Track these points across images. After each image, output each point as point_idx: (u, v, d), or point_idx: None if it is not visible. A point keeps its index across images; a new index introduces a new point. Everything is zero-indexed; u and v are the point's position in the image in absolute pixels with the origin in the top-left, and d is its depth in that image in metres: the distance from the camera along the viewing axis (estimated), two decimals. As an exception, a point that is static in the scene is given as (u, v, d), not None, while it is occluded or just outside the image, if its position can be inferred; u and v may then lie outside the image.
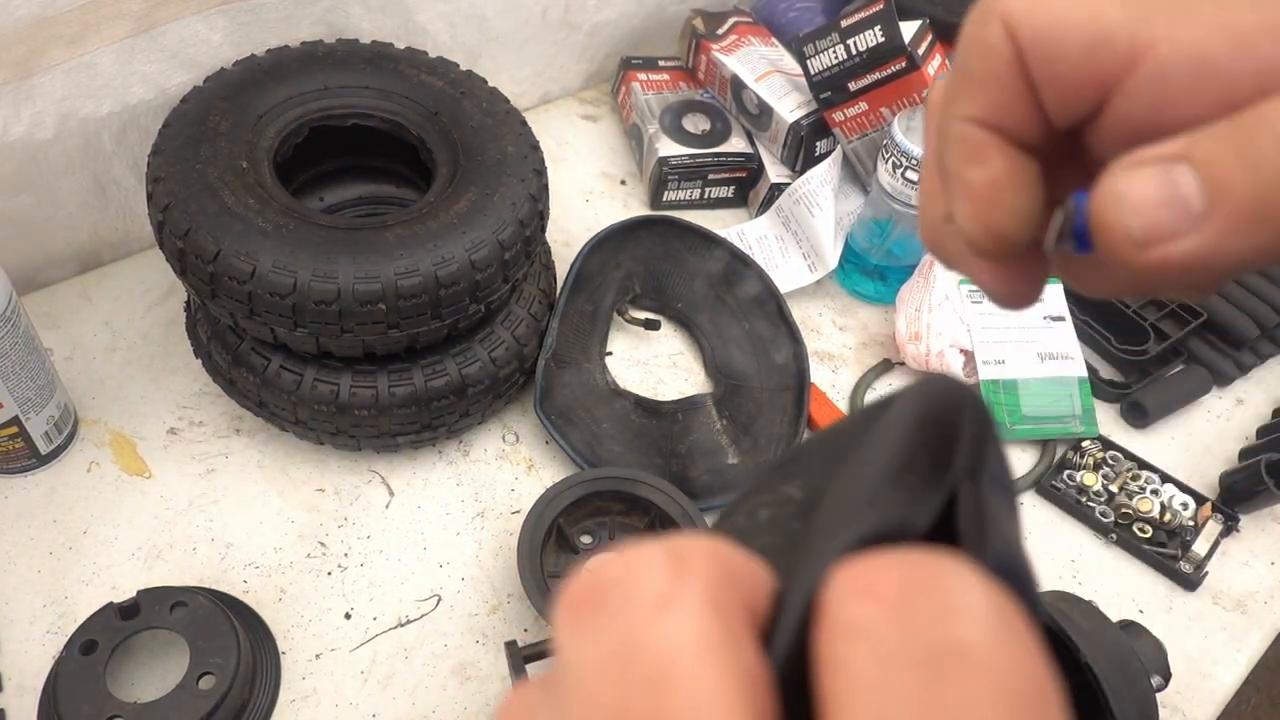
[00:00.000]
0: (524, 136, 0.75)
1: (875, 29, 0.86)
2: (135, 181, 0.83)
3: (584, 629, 0.15)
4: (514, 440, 0.81)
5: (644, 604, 0.15)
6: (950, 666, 0.13)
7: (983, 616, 0.14)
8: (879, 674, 0.13)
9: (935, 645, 0.13)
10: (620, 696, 0.14)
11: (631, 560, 0.15)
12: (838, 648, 0.14)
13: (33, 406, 0.70)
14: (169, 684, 0.61)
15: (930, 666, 0.13)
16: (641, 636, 0.14)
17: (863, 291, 0.96)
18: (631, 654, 0.14)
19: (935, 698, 0.13)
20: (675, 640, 0.14)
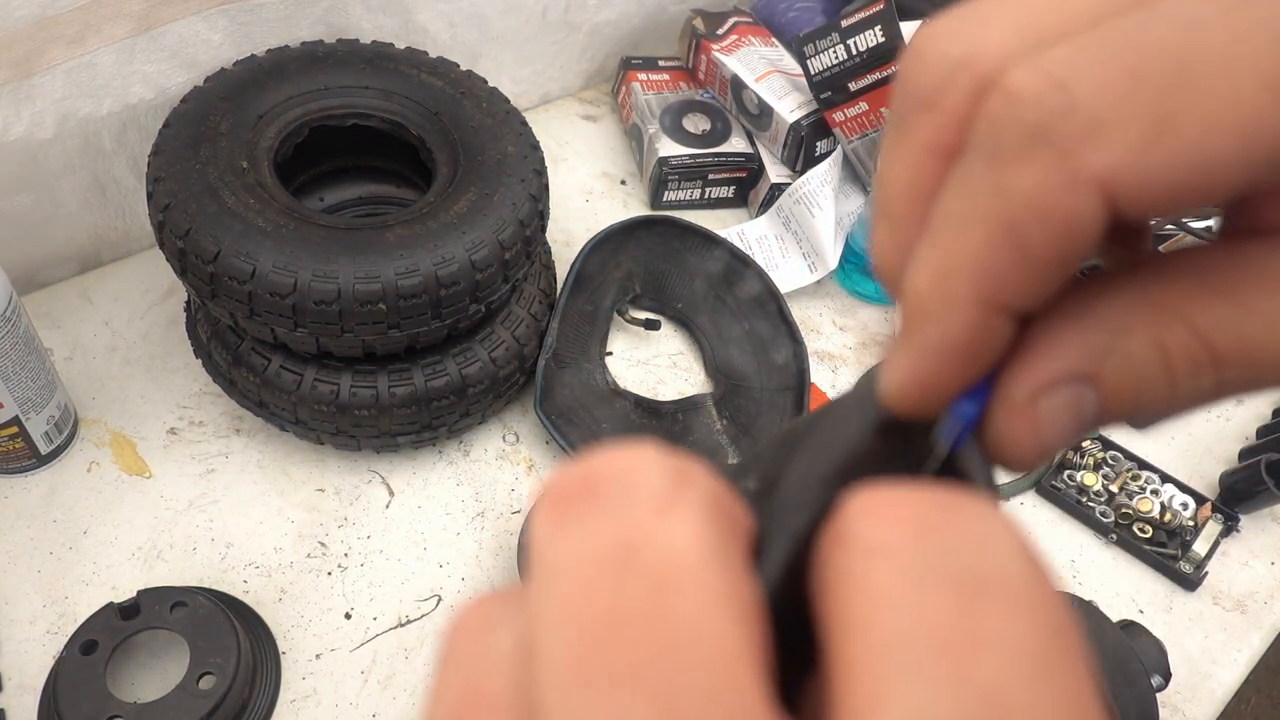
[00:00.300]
0: (524, 136, 0.75)
1: (875, 29, 0.86)
2: (135, 181, 0.83)
3: (573, 524, 0.14)
4: (514, 440, 0.81)
5: (646, 501, 0.14)
6: (984, 590, 0.13)
7: (1013, 548, 0.13)
8: (908, 591, 0.13)
9: (968, 569, 0.13)
10: (614, 597, 0.13)
11: (631, 457, 0.14)
12: (858, 564, 0.13)
13: (33, 406, 0.70)
14: (169, 684, 0.61)
15: (964, 588, 0.13)
16: (643, 534, 0.13)
17: (863, 291, 0.96)
18: (631, 552, 0.13)
19: (969, 618, 0.13)
20: (679, 542, 0.13)
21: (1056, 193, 0.14)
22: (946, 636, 0.12)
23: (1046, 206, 0.14)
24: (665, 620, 0.13)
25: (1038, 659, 0.12)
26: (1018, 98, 0.15)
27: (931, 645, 0.12)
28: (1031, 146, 0.14)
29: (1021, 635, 0.13)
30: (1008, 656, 0.12)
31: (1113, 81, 0.14)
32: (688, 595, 0.13)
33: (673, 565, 0.13)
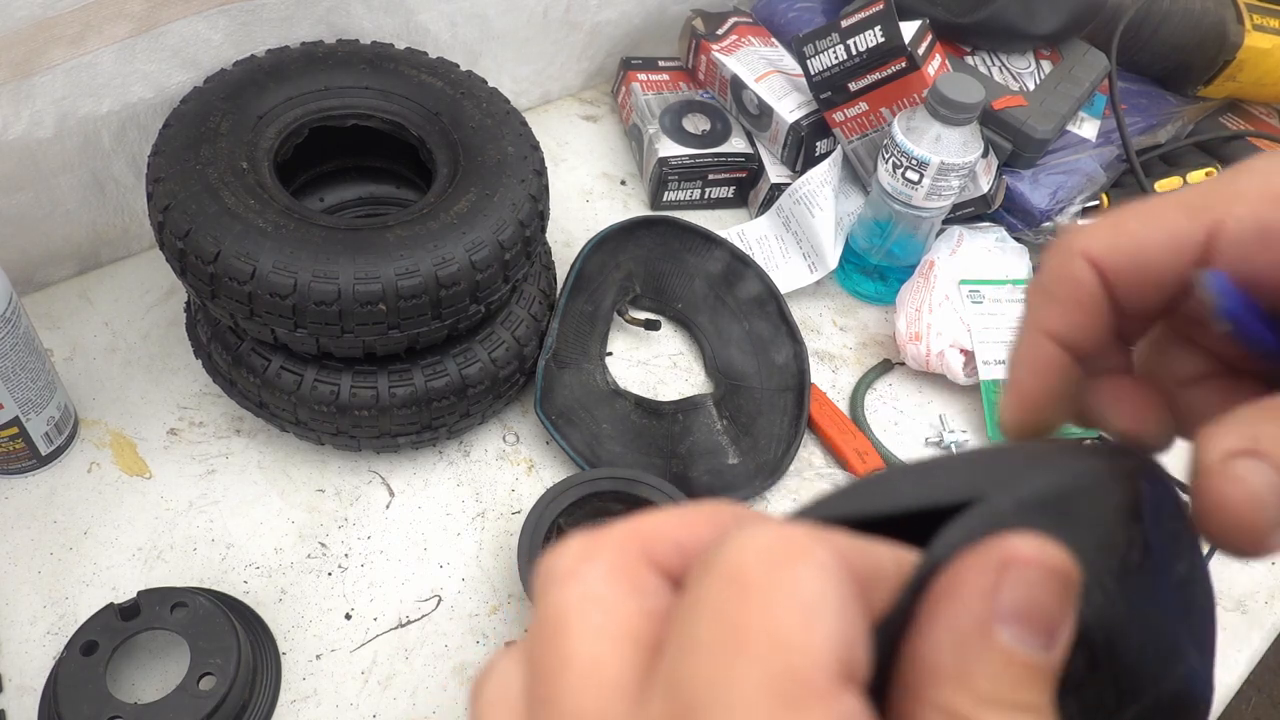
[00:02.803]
0: (524, 137, 0.75)
1: (875, 29, 0.86)
2: (134, 179, 0.83)
3: (534, 605, 0.20)
4: (514, 440, 0.81)
5: (555, 579, 0.20)
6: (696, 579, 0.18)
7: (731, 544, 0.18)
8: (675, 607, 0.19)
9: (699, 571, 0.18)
10: (536, 648, 0.19)
11: (556, 551, 0.20)
12: None
13: (33, 407, 0.69)
14: (169, 685, 0.61)
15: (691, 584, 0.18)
16: (547, 603, 0.19)
17: (863, 291, 0.96)
18: (542, 618, 0.19)
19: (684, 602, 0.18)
20: (566, 604, 0.19)
21: (1061, 264, 0.25)
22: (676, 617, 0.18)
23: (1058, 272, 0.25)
24: (554, 655, 0.18)
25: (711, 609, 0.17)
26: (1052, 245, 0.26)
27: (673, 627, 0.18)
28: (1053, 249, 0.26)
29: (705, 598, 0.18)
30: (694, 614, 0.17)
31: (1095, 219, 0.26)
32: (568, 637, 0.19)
33: (561, 618, 0.19)
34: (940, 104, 0.80)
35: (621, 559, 0.20)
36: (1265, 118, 1.09)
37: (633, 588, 0.19)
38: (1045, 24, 0.94)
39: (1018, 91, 0.94)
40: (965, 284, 0.88)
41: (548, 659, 0.18)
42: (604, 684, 0.18)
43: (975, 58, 0.97)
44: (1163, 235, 0.24)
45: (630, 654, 0.18)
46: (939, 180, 0.83)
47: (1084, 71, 0.98)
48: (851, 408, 0.87)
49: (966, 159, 0.82)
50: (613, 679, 0.18)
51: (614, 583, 0.19)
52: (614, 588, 0.19)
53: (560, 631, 0.19)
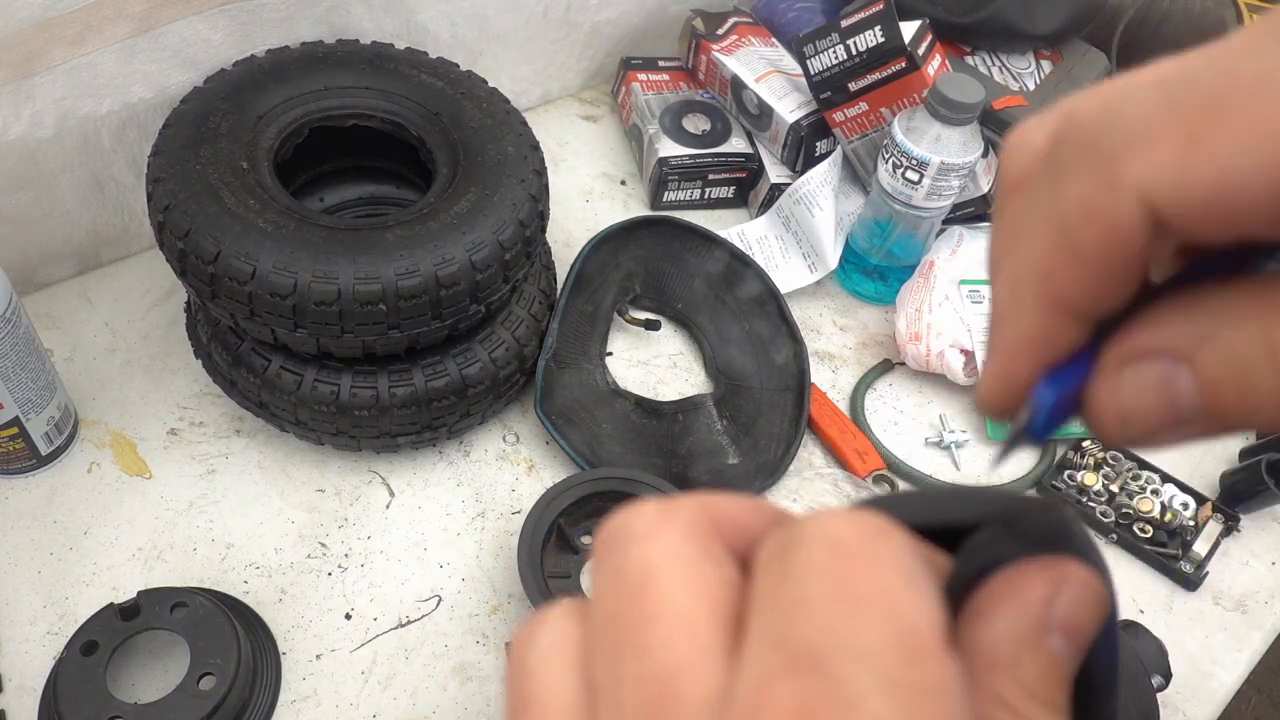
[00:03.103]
0: (524, 137, 0.75)
1: (875, 29, 0.86)
2: (133, 179, 0.83)
3: (599, 563, 0.20)
4: (514, 441, 0.81)
5: (634, 538, 0.20)
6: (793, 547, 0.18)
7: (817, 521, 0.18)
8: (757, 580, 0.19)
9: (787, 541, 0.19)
10: (614, 601, 0.19)
11: (631, 511, 0.21)
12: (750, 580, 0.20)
13: (33, 407, 0.69)
14: (169, 685, 0.61)
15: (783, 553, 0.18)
16: (628, 559, 0.20)
17: (863, 291, 0.96)
18: (623, 571, 0.19)
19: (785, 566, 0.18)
20: (652, 559, 0.19)
21: (1100, 197, 0.17)
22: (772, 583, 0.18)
23: (1092, 209, 0.17)
24: (640, 609, 0.19)
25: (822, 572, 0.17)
26: (1077, 118, 0.17)
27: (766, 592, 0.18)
28: (1082, 158, 0.17)
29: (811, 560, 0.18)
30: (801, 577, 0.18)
31: (1156, 104, 0.16)
32: (654, 591, 0.19)
33: (647, 573, 0.19)
34: (940, 104, 0.80)
35: (698, 527, 0.20)
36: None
37: (711, 554, 0.20)
38: (1045, 24, 0.94)
39: (1018, 91, 0.94)
40: (965, 284, 0.88)
41: (631, 611, 0.19)
42: (696, 637, 0.18)
43: (975, 58, 0.97)
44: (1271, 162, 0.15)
45: (717, 614, 0.18)
46: (939, 180, 0.83)
47: (1084, 71, 0.98)
48: (851, 408, 0.87)
49: (966, 159, 0.82)
50: (704, 634, 0.18)
51: (696, 546, 0.20)
52: (697, 550, 0.19)
53: (648, 585, 0.19)
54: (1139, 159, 0.16)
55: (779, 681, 0.16)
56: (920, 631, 0.17)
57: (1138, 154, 0.16)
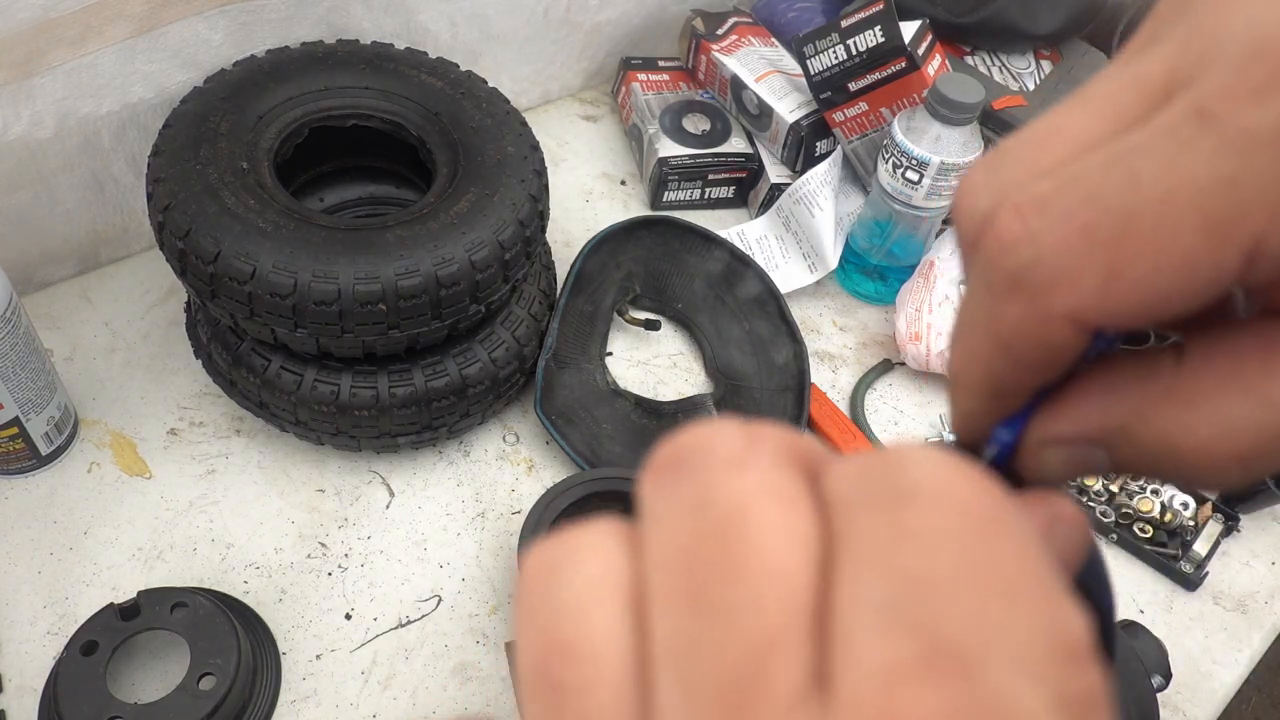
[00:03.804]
0: (524, 137, 0.75)
1: (875, 29, 0.86)
2: (133, 178, 0.83)
3: (665, 487, 0.17)
4: (514, 441, 0.81)
5: (720, 463, 0.17)
6: (903, 501, 0.16)
7: (928, 465, 0.16)
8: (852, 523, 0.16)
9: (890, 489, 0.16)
10: (695, 538, 0.16)
11: (710, 430, 0.18)
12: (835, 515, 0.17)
13: (33, 407, 0.70)
14: (169, 685, 0.61)
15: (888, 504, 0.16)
16: (715, 489, 0.16)
17: (863, 291, 0.96)
18: (706, 504, 0.16)
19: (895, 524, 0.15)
20: (745, 491, 0.16)
21: (1034, 324, 0.19)
22: (882, 542, 0.15)
23: (1028, 333, 0.19)
24: (727, 554, 0.16)
25: (952, 539, 0.15)
26: (1001, 242, 0.19)
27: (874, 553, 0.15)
28: (1013, 289, 0.19)
29: (936, 524, 0.15)
30: (926, 543, 0.15)
31: (1069, 239, 0.18)
32: (752, 533, 0.16)
33: (740, 509, 0.16)
34: (940, 104, 0.80)
35: (788, 458, 0.17)
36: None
37: (805, 493, 0.17)
38: (1045, 24, 0.94)
39: (1018, 91, 0.94)
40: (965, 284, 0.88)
41: (716, 556, 0.16)
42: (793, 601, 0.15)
43: (975, 58, 0.97)
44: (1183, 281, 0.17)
45: (814, 562, 0.16)
46: (939, 180, 0.83)
47: (1084, 71, 0.98)
48: (851, 408, 0.87)
49: (966, 159, 0.82)
50: (801, 597, 0.15)
51: (790, 477, 0.17)
52: (792, 483, 0.17)
53: (739, 525, 0.16)
54: (1065, 294, 0.18)
55: (914, 682, 0.14)
56: (1076, 633, 0.15)
57: (1063, 290, 0.18)
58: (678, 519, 0.17)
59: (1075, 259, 0.18)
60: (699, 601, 0.15)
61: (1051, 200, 0.18)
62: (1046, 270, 0.18)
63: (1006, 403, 0.21)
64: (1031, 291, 0.18)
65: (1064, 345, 0.19)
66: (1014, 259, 0.18)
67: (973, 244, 0.20)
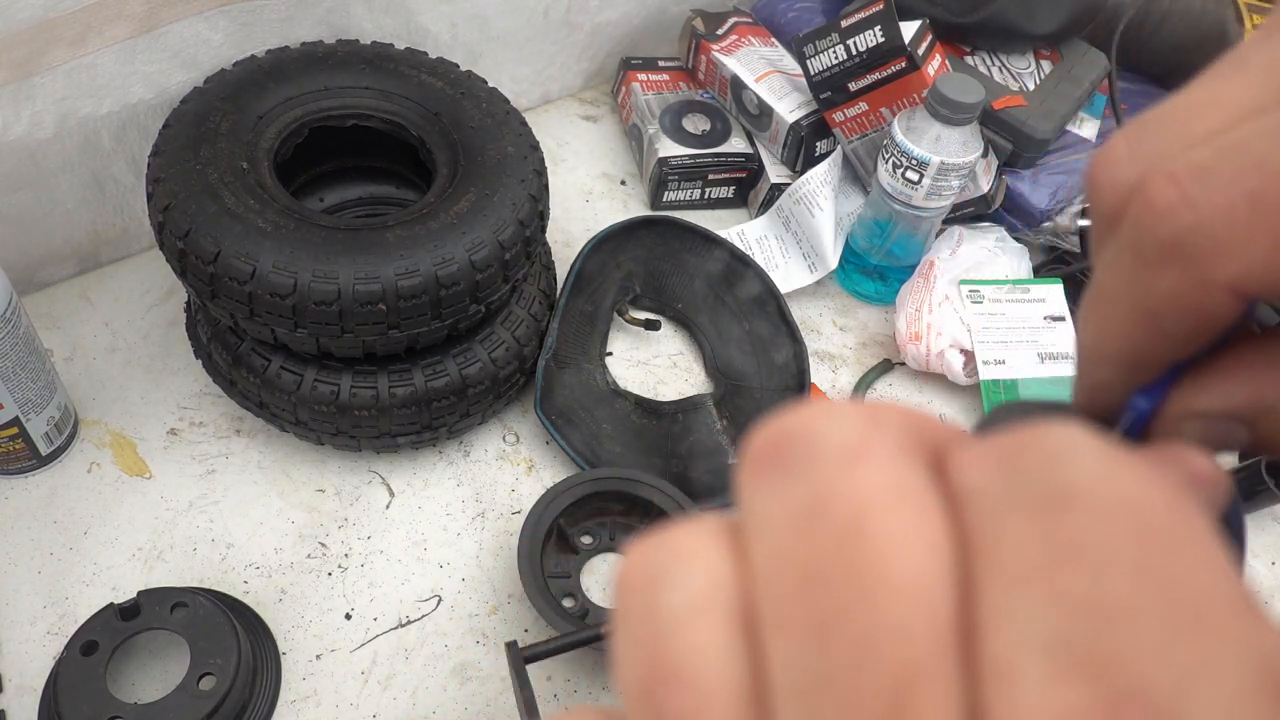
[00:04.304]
0: (524, 137, 0.75)
1: (875, 29, 0.86)
2: (133, 179, 0.83)
3: (770, 484, 0.15)
4: (514, 441, 0.81)
5: (834, 456, 0.14)
6: (1065, 505, 0.13)
7: (1089, 459, 0.14)
8: (996, 528, 0.14)
9: (1047, 489, 0.13)
10: (812, 551, 0.14)
11: (822, 412, 0.15)
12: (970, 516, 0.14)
13: (33, 407, 0.70)
14: (169, 685, 0.61)
15: (1046, 507, 0.13)
16: (831, 489, 0.14)
17: (863, 291, 0.96)
18: (820, 508, 0.14)
19: (1055, 533, 0.13)
20: (867, 492, 0.14)
21: (1192, 293, 0.17)
22: (1037, 558, 0.13)
23: (1183, 303, 0.18)
24: (854, 570, 0.13)
25: (1128, 557, 0.13)
26: (1155, 210, 0.18)
27: (1027, 570, 0.13)
28: (1168, 257, 0.18)
29: (1107, 538, 0.13)
30: (1096, 561, 0.13)
31: (1235, 205, 0.17)
32: (879, 541, 0.13)
33: (862, 514, 0.14)
34: (940, 104, 0.80)
35: (911, 439, 0.15)
36: (1265, 118, 1.08)
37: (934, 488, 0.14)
38: (1045, 24, 0.94)
39: (1018, 91, 0.94)
40: (965, 284, 0.88)
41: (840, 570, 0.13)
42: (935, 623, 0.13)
43: (975, 58, 0.97)
44: None
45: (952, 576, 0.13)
46: (939, 180, 0.83)
47: (1084, 71, 0.98)
48: (851, 408, 0.87)
49: (966, 159, 0.82)
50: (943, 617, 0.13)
51: (916, 473, 0.14)
52: (919, 479, 0.14)
53: (862, 531, 0.14)
54: (1230, 263, 0.17)
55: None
56: None
57: (1227, 258, 0.17)
58: (788, 526, 0.14)
59: (1242, 226, 0.17)
60: (824, 627, 0.13)
61: (1212, 168, 0.17)
62: (1209, 237, 0.17)
63: (1142, 375, 0.20)
64: (1190, 259, 0.17)
65: (1219, 316, 0.18)
66: (1170, 226, 0.17)
67: (1115, 215, 0.19)
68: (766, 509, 0.15)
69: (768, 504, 0.15)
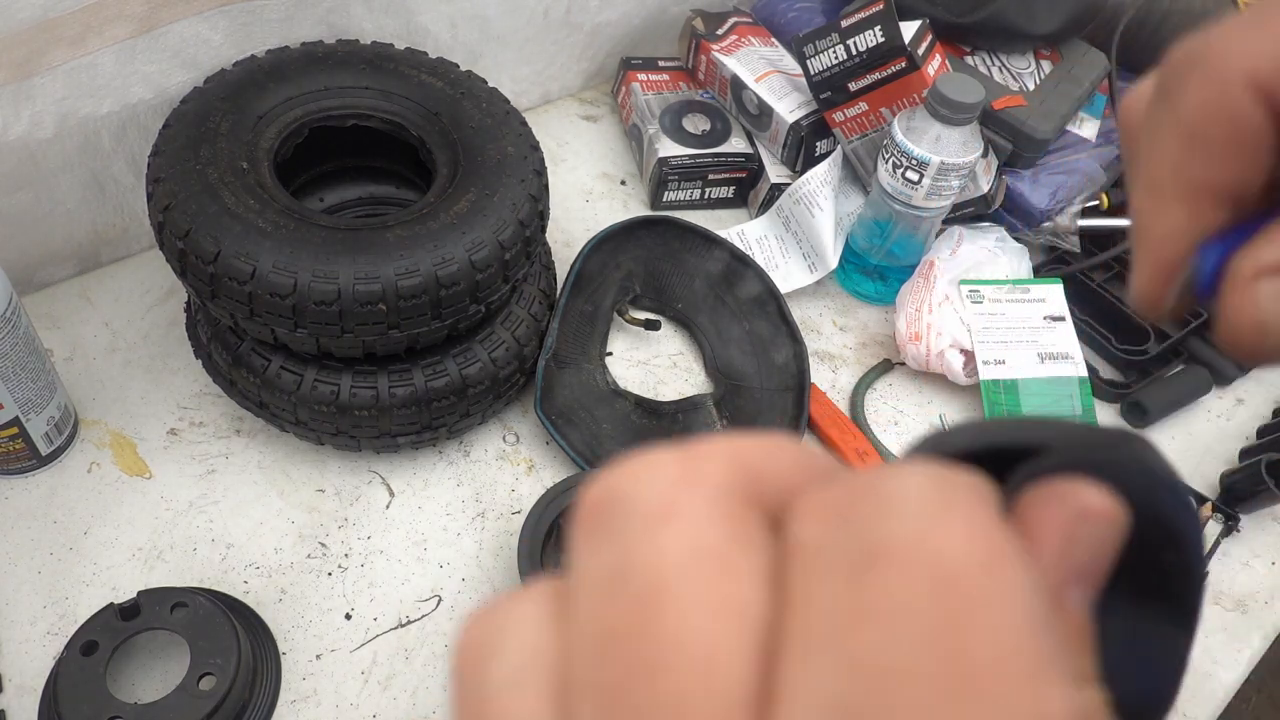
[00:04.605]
0: (524, 137, 0.75)
1: (875, 29, 0.86)
2: (133, 179, 0.83)
3: (590, 546, 0.15)
4: (514, 441, 0.81)
5: (641, 518, 0.14)
6: (875, 563, 0.13)
7: (914, 511, 0.13)
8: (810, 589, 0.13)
9: (863, 544, 0.13)
10: (610, 617, 0.14)
11: (638, 469, 0.15)
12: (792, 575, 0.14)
13: (33, 407, 0.70)
14: (169, 685, 0.61)
15: (854, 567, 0.13)
16: (635, 554, 0.14)
17: (863, 291, 0.96)
18: (624, 573, 0.14)
19: (858, 597, 0.13)
20: (670, 556, 0.14)
21: (1217, 95, 0.19)
22: (841, 620, 0.13)
23: (1212, 107, 0.19)
24: (647, 639, 0.13)
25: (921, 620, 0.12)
26: (1174, 54, 0.20)
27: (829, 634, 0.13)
28: (1191, 70, 0.20)
29: (904, 600, 0.12)
30: (890, 625, 0.12)
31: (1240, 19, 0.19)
32: (671, 615, 0.13)
33: (656, 583, 0.13)
34: (940, 104, 0.80)
35: (730, 492, 0.15)
36: (1265, 118, 1.09)
37: (748, 538, 0.14)
38: (1045, 24, 0.94)
39: (1018, 91, 0.94)
40: (965, 284, 0.88)
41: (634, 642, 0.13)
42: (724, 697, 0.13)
43: (975, 58, 0.97)
44: None
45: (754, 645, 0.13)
46: (939, 180, 0.83)
47: (1084, 71, 0.98)
48: (851, 408, 0.87)
49: (966, 159, 0.82)
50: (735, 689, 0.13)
51: (727, 528, 0.14)
52: (728, 537, 0.14)
53: (659, 600, 0.13)
54: (1241, 55, 0.19)
55: None
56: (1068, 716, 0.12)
57: (1238, 52, 0.19)
58: (597, 591, 0.14)
59: (1245, 29, 0.19)
60: (614, 698, 0.13)
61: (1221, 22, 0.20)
62: (1218, 41, 0.19)
63: (1206, 210, 0.20)
64: (1208, 64, 0.19)
65: (1248, 119, 0.19)
66: (1187, 52, 0.20)
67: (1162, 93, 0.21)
68: (585, 571, 0.15)
69: (587, 566, 0.15)
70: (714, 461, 0.15)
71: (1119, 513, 0.15)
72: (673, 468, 0.15)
